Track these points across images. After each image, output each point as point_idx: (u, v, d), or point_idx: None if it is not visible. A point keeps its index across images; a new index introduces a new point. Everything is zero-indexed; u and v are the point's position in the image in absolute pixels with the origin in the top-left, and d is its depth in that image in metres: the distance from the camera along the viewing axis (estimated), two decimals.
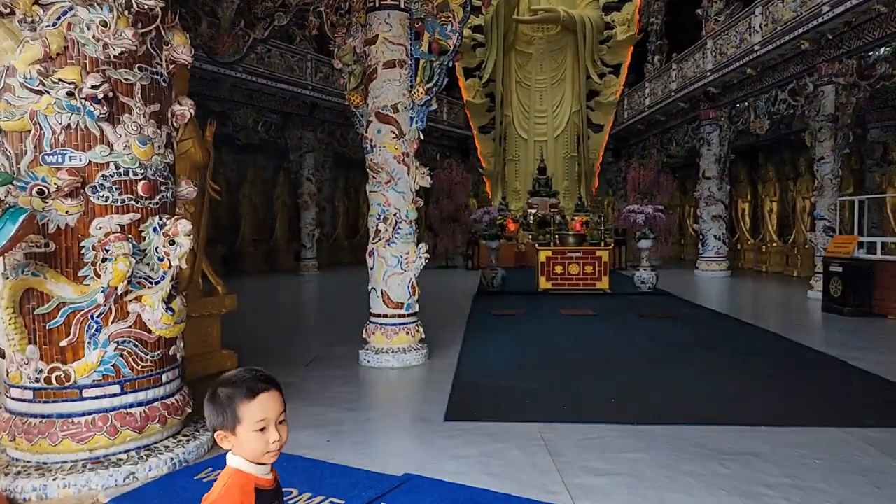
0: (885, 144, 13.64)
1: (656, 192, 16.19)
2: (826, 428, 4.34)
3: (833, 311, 9.46)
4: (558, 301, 11.20)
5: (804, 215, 15.82)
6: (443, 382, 5.65)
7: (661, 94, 19.09)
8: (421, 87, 6.34)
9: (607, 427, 4.43)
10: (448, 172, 17.90)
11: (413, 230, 6.45)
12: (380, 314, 6.41)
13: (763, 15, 12.72)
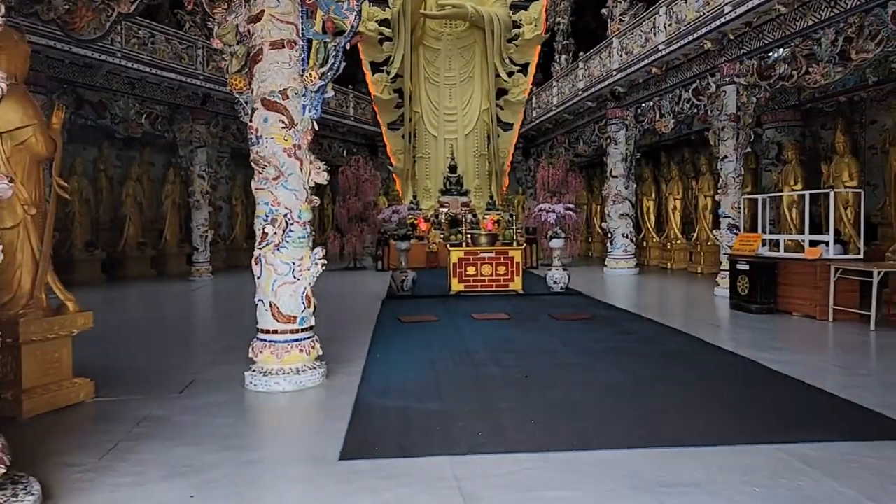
0: (779, 144, 14.11)
1: (565, 190, 16.06)
2: (760, 446, 4.01)
3: (741, 309, 9.50)
4: (471, 304, 10.71)
5: (706, 213, 16.23)
6: (342, 408, 4.94)
7: (569, 93, 19.11)
8: (314, 72, 5.58)
9: (528, 458, 3.90)
10: (356, 170, 17.05)
11: (307, 233, 5.68)
12: (268, 330, 5.59)
13: (667, 15, 12.78)
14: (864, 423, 4.43)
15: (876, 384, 5.45)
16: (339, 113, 21.11)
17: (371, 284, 14.21)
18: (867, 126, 12.94)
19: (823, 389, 5.22)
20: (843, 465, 3.69)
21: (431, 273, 16.25)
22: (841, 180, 11.71)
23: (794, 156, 13.33)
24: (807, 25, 9.26)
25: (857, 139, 12.85)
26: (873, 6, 8.00)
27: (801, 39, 9.49)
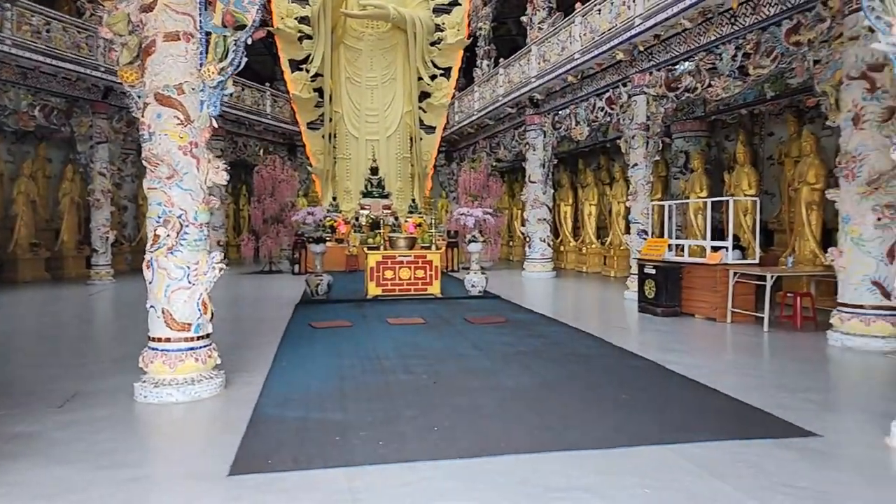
0: (687, 153, 14.76)
1: (486, 195, 16.20)
2: (653, 447, 4.09)
3: (648, 312, 9.82)
4: (388, 308, 10.57)
5: (619, 219, 16.76)
6: (238, 419, 4.70)
7: (490, 98, 19.31)
8: (212, 66, 5.31)
9: (429, 466, 3.81)
10: (272, 169, 16.54)
11: (204, 235, 5.39)
12: (160, 338, 5.26)
13: (582, 25, 13.11)
14: (752, 422, 4.61)
15: (766, 384, 5.71)
16: (255, 111, 20.45)
17: (285, 289, 13.80)
18: (766, 138, 13.73)
19: (718, 390, 5.41)
20: (729, 464, 3.80)
21: (350, 277, 16.00)
22: (741, 189, 12.35)
23: (700, 165, 13.97)
24: (709, 40, 9.70)
25: (757, 150, 13.61)
26: (769, 24, 8.47)
27: (704, 53, 9.93)
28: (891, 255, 6.82)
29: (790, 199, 11.53)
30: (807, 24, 7.82)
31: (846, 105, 7.03)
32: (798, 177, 10.69)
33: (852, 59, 6.90)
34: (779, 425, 4.50)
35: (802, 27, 7.87)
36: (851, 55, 6.91)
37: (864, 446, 4.12)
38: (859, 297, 6.97)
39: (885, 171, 6.75)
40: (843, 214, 7.15)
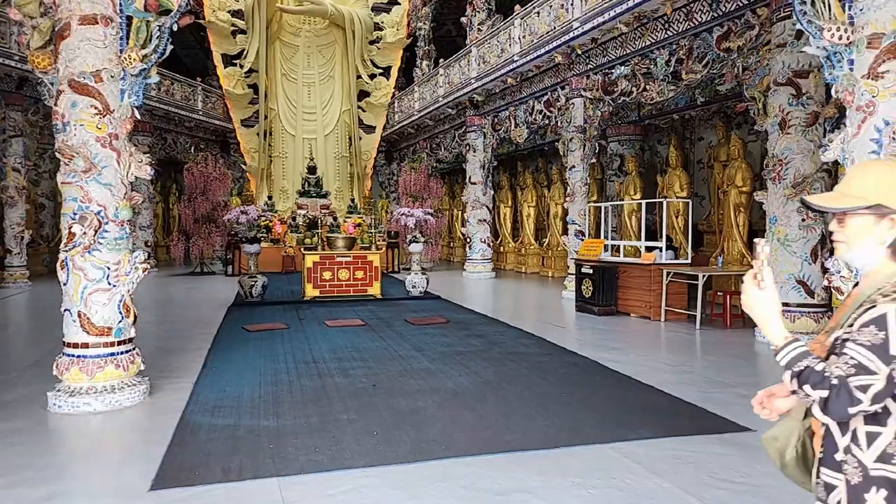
0: (621, 156, 15.10)
1: (427, 195, 16.11)
2: (594, 446, 4.08)
3: (585, 311, 9.94)
4: (326, 311, 10.30)
5: (557, 220, 16.98)
6: (163, 429, 4.41)
7: (430, 98, 19.24)
8: (134, 53, 4.98)
9: (366, 473, 3.66)
10: (203, 167, 15.90)
11: (126, 234, 5.06)
12: (77, 343, 4.90)
13: (521, 27, 13.20)
14: (689, 418, 4.68)
15: (700, 381, 5.82)
16: (185, 106, 19.64)
17: (218, 290, 13.29)
18: (696, 142, 14.19)
19: (655, 387, 5.49)
20: (669, 461, 3.82)
21: (286, 278, 15.58)
22: (673, 191, 12.71)
23: (634, 167, 14.30)
24: (645, 45, 9.92)
25: (688, 154, 14.05)
26: (701, 31, 8.72)
27: (640, 58, 10.14)
28: (814, 254, 7.12)
29: (719, 202, 11.94)
30: (737, 31, 8.08)
31: (773, 110, 7.30)
32: (727, 180, 11.07)
33: (779, 65, 7.16)
34: (714, 421, 4.58)
35: (733, 34, 8.14)
36: (779, 62, 7.17)
37: None
38: (785, 295, 7.24)
39: (809, 174, 7.04)
40: (770, 216, 7.42)
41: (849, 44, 4.01)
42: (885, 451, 1.31)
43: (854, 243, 1.42)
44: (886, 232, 1.38)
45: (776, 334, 1.42)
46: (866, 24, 3.93)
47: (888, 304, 1.28)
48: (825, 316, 7.18)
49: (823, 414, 1.30)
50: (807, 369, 1.33)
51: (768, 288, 1.42)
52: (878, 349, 1.26)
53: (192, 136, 20.60)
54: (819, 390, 1.30)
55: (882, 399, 1.28)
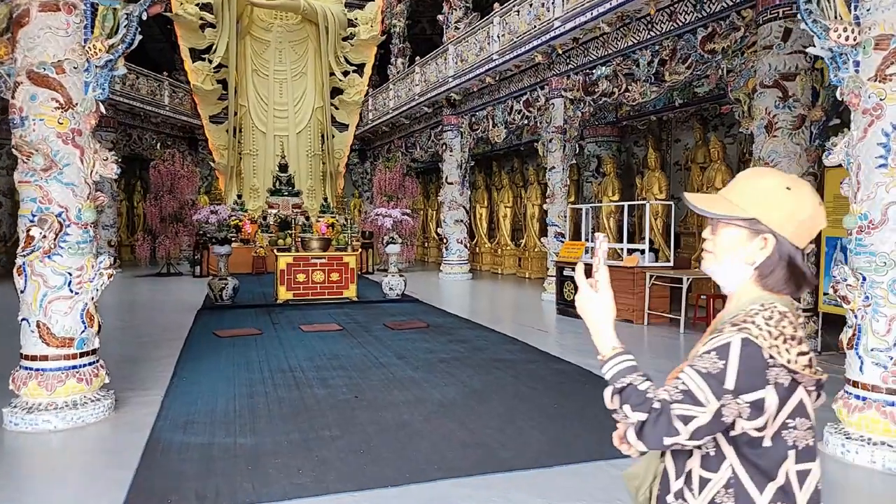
0: (599, 158, 15.04)
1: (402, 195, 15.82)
2: (592, 463, 3.89)
3: (567, 314, 9.80)
4: (301, 314, 9.97)
5: (534, 221, 16.86)
6: (130, 448, 4.10)
7: (406, 96, 18.95)
8: (100, 43, 4.63)
9: (355, 498, 3.41)
10: (170, 165, 15.35)
11: (90, 237, 4.70)
12: (35, 356, 4.53)
13: (501, 25, 13.02)
14: None
15: None
16: (151, 101, 18.97)
17: (185, 293, 12.82)
18: (672, 144, 14.19)
19: None
20: None
21: (258, 280, 15.15)
22: (652, 193, 12.67)
23: (612, 169, 14.24)
24: (627, 45, 9.80)
25: (664, 156, 14.04)
26: (684, 32, 8.62)
27: (622, 58, 10.03)
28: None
29: None
30: (721, 32, 8.00)
31: (759, 113, 7.22)
32: (707, 182, 11.05)
33: (766, 67, 7.09)
34: None
35: (717, 35, 8.06)
36: (765, 64, 7.10)
37: None
38: None
39: None
40: None
41: (855, 45, 3.88)
42: (714, 499, 1.16)
43: (721, 257, 1.25)
44: (757, 251, 1.20)
45: (605, 343, 1.26)
46: (873, 24, 3.81)
47: (734, 334, 1.12)
48: (810, 321, 7.12)
49: (638, 440, 1.14)
50: (629, 387, 1.17)
51: (603, 290, 1.28)
52: (712, 379, 1.10)
53: (159, 132, 19.93)
54: (638, 412, 1.14)
55: (703, 436, 1.12)
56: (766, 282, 1.21)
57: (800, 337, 1.15)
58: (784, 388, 1.12)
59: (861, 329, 4.02)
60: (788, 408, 1.13)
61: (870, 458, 3.86)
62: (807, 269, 1.22)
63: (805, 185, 1.22)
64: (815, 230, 1.21)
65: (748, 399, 1.10)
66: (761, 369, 1.10)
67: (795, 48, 6.89)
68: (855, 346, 4.07)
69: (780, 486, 1.14)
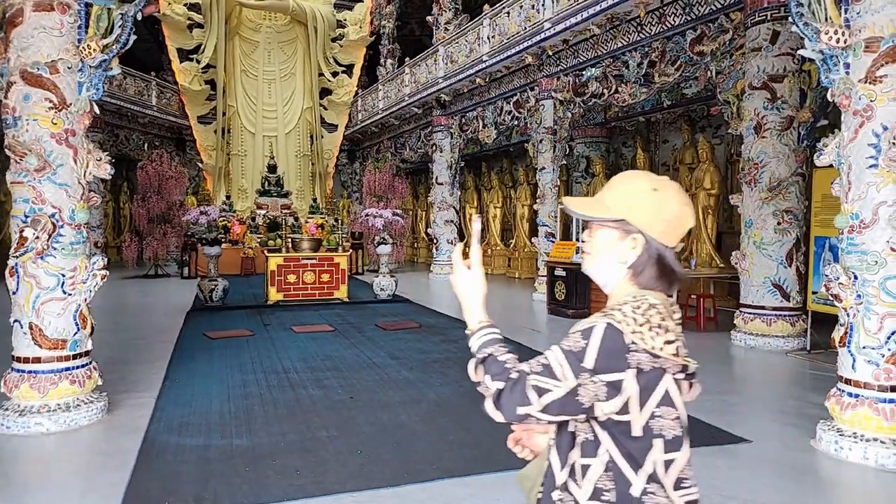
0: (588, 158, 15.11)
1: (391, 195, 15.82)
2: None
3: (558, 314, 9.85)
4: (292, 315, 9.93)
5: (523, 221, 16.91)
6: (125, 451, 4.07)
7: (395, 97, 18.94)
8: (94, 43, 4.59)
9: (355, 498, 3.41)
10: (158, 165, 15.23)
11: (83, 238, 4.66)
12: (28, 358, 4.49)
13: (491, 27, 13.05)
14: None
15: None
16: (138, 102, 18.83)
17: (174, 294, 12.72)
18: (660, 145, 14.29)
19: None
20: None
21: (247, 281, 15.07)
22: None
23: (601, 169, 14.32)
24: (617, 47, 9.87)
25: (652, 157, 14.14)
26: (674, 34, 8.70)
27: (611, 60, 10.09)
28: (790, 258, 7.15)
29: None
30: (710, 34, 8.08)
31: (748, 114, 7.30)
32: (695, 182, 11.14)
33: (754, 69, 7.17)
34: (708, 431, 4.47)
35: (706, 37, 8.13)
36: (753, 66, 7.18)
37: (794, 450, 4.15)
38: (761, 298, 7.25)
39: (784, 178, 7.06)
40: (746, 219, 7.43)
41: (845, 47, 3.95)
42: (596, 486, 1.17)
43: (597, 257, 1.29)
44: (629, 251, 1.24)
45: (472, 318, 1.32)
46: (863, 27, 3.87)
47: (600, 319, 1.17)
48: (800, 319, 7.21)
49: (495, 409, 1.19)
50: (490, 357, 1.23)
51: (475, 267, 1.33)
52: (573, 356, 1.14)
53: (146, 132, 19.76)
54: (497, 381, 1.19)
55: (555, 412, 1.15)
56: (640, 280, 1.24)
57: (667, 326, 1.17)
58: (646, 374, 1.14)
59: (853, 327, 4.08)
60: (656, 397, 1.15)
61: (863, 454, 3.91)
62: (677, 266, 1.25)
63: (671, 187, 1.26)
64: (681, 229, 1.25)
65: (606, 379, 1.13)
66: (622, 353, 1.13)
67: (783, 50, 6.98)
68: (847, 344, 4.13)
69: (649, 474, 1.17)
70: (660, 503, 1.16)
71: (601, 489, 1.17)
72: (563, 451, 1.23)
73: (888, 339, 3.95)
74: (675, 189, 1.26)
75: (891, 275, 3.91)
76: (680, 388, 1.19)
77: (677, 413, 1.18)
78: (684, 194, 1.27)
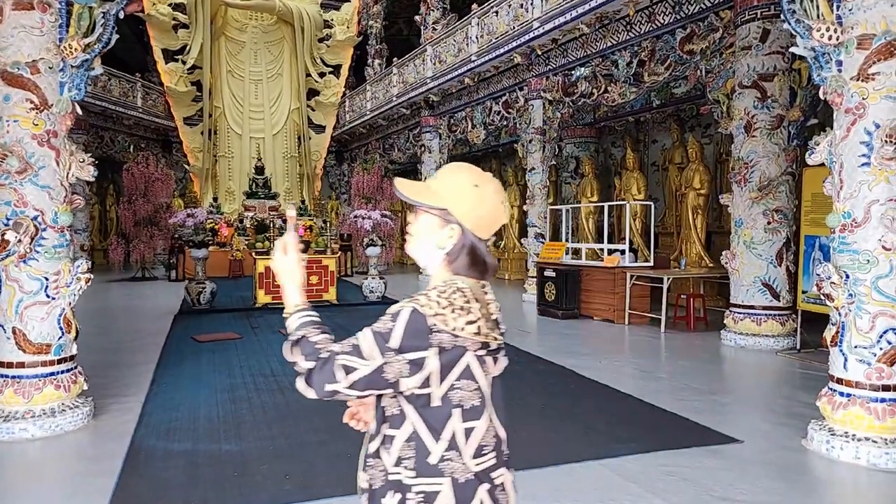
0: (577, 159, 15.12)
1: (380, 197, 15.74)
2: (585, 463, 3.88)
3: (548, 315, 9.82)
4: (280, 318, 9.71)
5: (512, 222, 16.88)
6: (111, 457, 3.99)
7: (383, 98, 18.87)
8: (76, 42, 4.50)
9: (344, 502, 3.34)
10: (144, 167, 15.06)
11: (67, 241, 4.57)
12: (11, 363, 4.39)
13: (479, 26, 13.02)
14: (676, 429, 4.53)
15: (677, 387, 5.71)
16: (123, 103, 18.61)
17: (162, 297, 12.58)
18: (650, 145, 14.33)
19: (634, 396, 5.34)
20: (663, 478, 3.65)
21: (235, 283, 14.93)
22: (630, 193, 12.77)
23: (590, 170, 14.33)
24: (606, 46, 9.87)
25: (642, 157, 14.17)
26: (663, 33, 8.70)
27: (601, 59, 10.09)
28: (780, 257, 7.16)
29: (676, 204, 12.05)
30: (700, 33, 8.09)
31: (738, 113, 7.31)
32: (685, 182, 11.16)
33: (744, 68, 7.18)
34: (700, 432, 4.45)
35: (696, 36, 8.15)
36: (743, 65, 7.19)
37: (785, 450, 4.13)
38: (751, 297, 7.26)
39: (774, 178, 7.07)
40: (736, 218, 7.44)
41: (837, 44, 3.94)
42: (400, 455, 1.28)
43: (418, 241, 1.39)
44: (447, 239, 1.33)
45: (290, 301, 1.40)
46: (856, 24, 3.87)
47: (407, 303, 1.26)
48: (790, 319, 7.23)
49: (307, 387, 1.28)
50: (303, 339, 1.31)
51: (291, 253, 1.41)
52: (380, 337, 1.24)
53: (132, 134, 19.53)
54: (309, 361, 1.27)
55: (362, 388, 1.25)
56: (454, 266, 1.34)
57: (470, 308, 1.26)
58: (448, 351, 1.24)
59: (845, 326, 4.08)
60: (456, 372, 1.26)
61: (854, 454, 3.90)
62: (489, 258, 1.35)
63: (490, 185, 1.34)
64: (495, 225, 1.35)
65: (409, 357, 1.22)
66: (424, 334, 1.23)
67: (773, 49, 7.00)
68: (839, 344, 4.12)
69: (448, 440, 1.26)
70: (455, 468, 1.27)
71: (402, 458, 1.27)
72: (378, 424, 1.34)
73: (880, 338, 3.94)
74: (494, 187, 1.35)
75: (882, 274, 3.90)
76: (483, 363, 1.30)
77: (477, 385, 1.29)
78: (502, 193, 1.36)
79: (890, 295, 3.89)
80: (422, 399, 1.27)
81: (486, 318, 1.30)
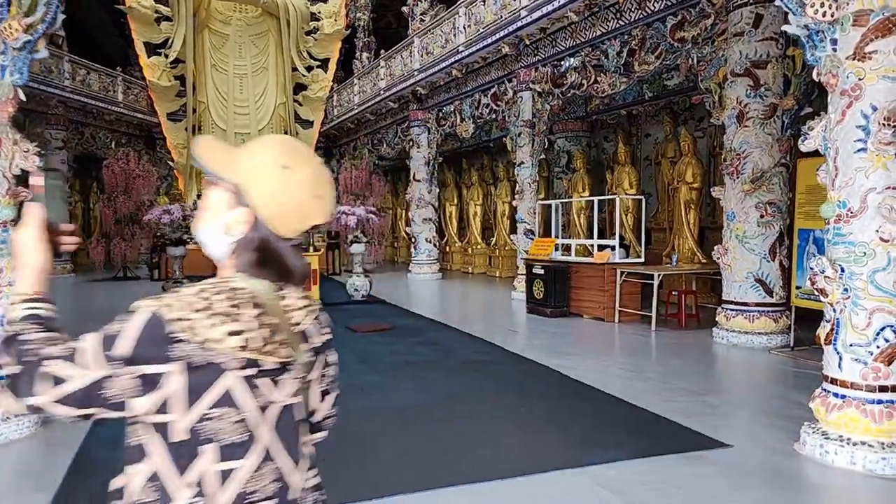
0: (569, 153, 14.83)
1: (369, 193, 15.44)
2: (565, 472, 3.61)
3: (537, 313, 9.54)
4: None
5: (504, 219, 16.62)
6: (55, 467, 3.71)
7: (371, 92, 18.55)
8: (16, 22, 4.18)
9: None
10: (125, 164, 14.71)
11: (9, 237, 4.25)
12: None
13: (466, 16, 12.73)
14: (662, 434, 4.27)
15: (666, 388, 5.44)
16: (104, 98, 18.21)
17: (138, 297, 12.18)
18: (642, 139, 14.06)
19: (619, 398, 5.07)
20: (649, 486, 3.40)
21: None
22: (622, 188, 12.50)
23: (582, 164, 14.05)
24: (596, 35, 9.57)
25: (634, 151, 13.90)
26: (654, 20, 8.41)
27: (590, 49, 9.80)
28: (773, 252, 6.89)
29: (668, 199, 11.78)
30: (691, 19, 7.81)
31: (730, 102, 7.04)
32: (677, 176, 10.89)
33: (736, 55, 6.91)
34: (688, 436, 4.19)
35: (687, 23, 7.86)
36: (735, 52, 6.92)
37: (777, 455, 3.87)
38: (744, 294, 7.00)
39: (767, 169, 6.81)
40: (728, 212, 7.17)
41: (832, 21, 3.66)
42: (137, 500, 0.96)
43: (204, 218, 1.09)
44: (236, 224, 1.03)
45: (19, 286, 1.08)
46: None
47: (153, 301, 0.97)
48: (784, 315, 6.97)
49: (14, 395, 0.94)
50: (15, 336, 0.98)
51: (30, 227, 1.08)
52: (104, 341, 0.95)
53: (113, 130, 19.13)
54: (15, 365, 0.95)
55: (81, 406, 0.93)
56: (238, 262, 1.05)
57: (238, 315, 0.96)
58: (200, 369, 0.94)
59: (839, 323, 3.81)
60: (209, 397, 0.95)
61: (850, 459, 3.64)
62: (292, 260, 1.06)
63: (306, 170, 1.05)
64: (303, 223, 1.06)
65: (141, 371, 0.93)
66: (162, 343, 0.94)
67: (767, 35, 6.72)
68: (833, 342, 3.85)
69: (195, 484, 0.96)
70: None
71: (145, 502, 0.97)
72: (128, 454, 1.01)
73: (877, 335, 3.68)
74: (311, 174, 1.05)
75: (880, 267, 3.64)
76: (254, 388, 0.98)
77: (241, 416, 0.97)
78: (322, 184, 1.07)
79: (887, 289, 3.63)
80: (164, 428, 0.96)
81: (274, 329, 1.00)
